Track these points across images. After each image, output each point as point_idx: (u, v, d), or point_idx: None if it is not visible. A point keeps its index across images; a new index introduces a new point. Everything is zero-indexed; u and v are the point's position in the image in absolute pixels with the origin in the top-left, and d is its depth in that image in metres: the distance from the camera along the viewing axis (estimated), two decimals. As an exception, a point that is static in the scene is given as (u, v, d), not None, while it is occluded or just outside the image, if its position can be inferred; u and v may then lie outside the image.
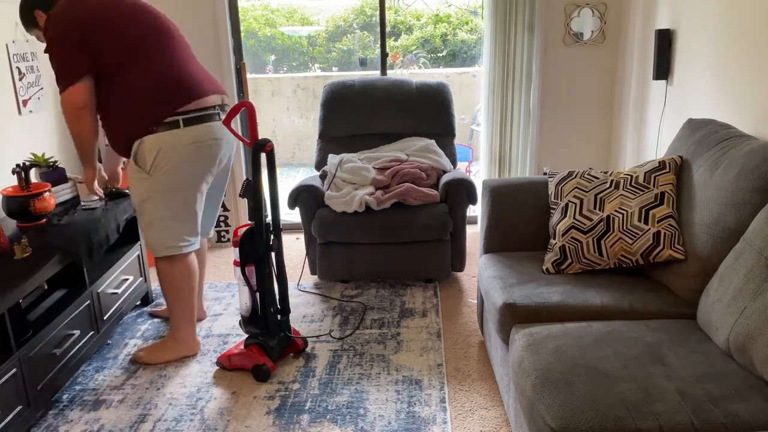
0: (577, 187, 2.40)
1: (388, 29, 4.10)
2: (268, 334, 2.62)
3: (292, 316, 3.10)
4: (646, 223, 2.18)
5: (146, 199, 2.54)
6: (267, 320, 2.60)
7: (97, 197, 2.85)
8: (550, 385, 1.61)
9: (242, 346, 2.65)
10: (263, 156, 2.49)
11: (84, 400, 2.48)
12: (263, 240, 2.52)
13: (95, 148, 2.57)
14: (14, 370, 2.13)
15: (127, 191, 2.93)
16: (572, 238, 2.28)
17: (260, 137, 2.53)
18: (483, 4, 3.89)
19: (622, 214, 2.23)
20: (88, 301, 2.64)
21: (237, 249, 2.49)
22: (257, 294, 2.57)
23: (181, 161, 2.49)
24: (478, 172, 4.30)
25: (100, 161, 2.83)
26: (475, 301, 3.17)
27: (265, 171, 2.55)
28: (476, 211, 3.86)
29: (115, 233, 2.85)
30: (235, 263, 2.53)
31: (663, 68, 3.01)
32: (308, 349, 2.80)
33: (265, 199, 2.55)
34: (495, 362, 2.39)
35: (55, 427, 2.32)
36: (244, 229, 2.51)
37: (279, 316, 2.67)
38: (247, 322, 2.63)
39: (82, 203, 2.92)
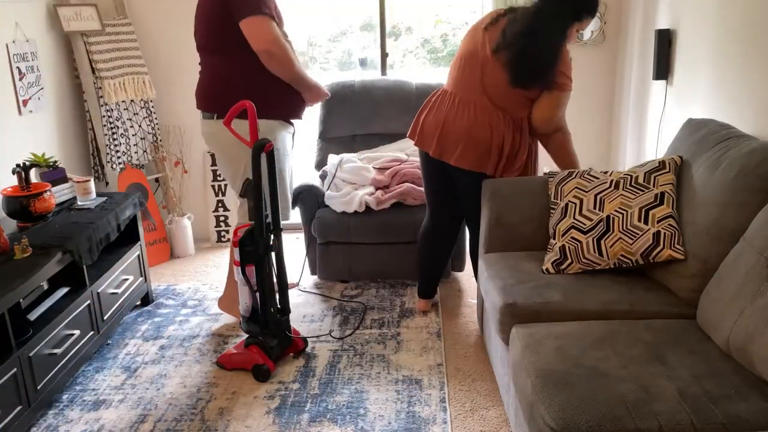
0: (577, 187, 2.40)
1: (388, 29, 4.10)
2: (269, 334, 2.62)
3: (292, 316, 3.10)
4: (646, 223, 2.18)
5: None
6: (267, 320, 2.60)
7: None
8: (550, 385, 1.61)
9: (242, 346, 2.65)
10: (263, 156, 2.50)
11: (84, 400, 2.48)
12: (263, 240, 2.52)
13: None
14: (14, 370, 2.13)
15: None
16: (572, 238, 2.28)
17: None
18: (483, 5, 3.89)
19: (622, 214, 2.23)
20: (88, 301, 2.64)
21: (237, 249, 2.49)
22: (257, 294, 2.57)
23: None
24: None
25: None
26: (475, 301, 3.17)
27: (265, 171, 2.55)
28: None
29: (116, 232, 2.85)
30: (235, 263, 2.53)
31: (663, 68, 3.01)
32: (308, 349, 2.80)
33: (265, 199, 2.55)
34: (495, 362, 2.39)
35: (55, 427, 2.32)
36: (244, 228, 2.51)
37: (279, 316, 2.67)
38: (247, 321, 2.63)
39: (78, 202, 2.93)
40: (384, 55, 4.16)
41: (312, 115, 3.96)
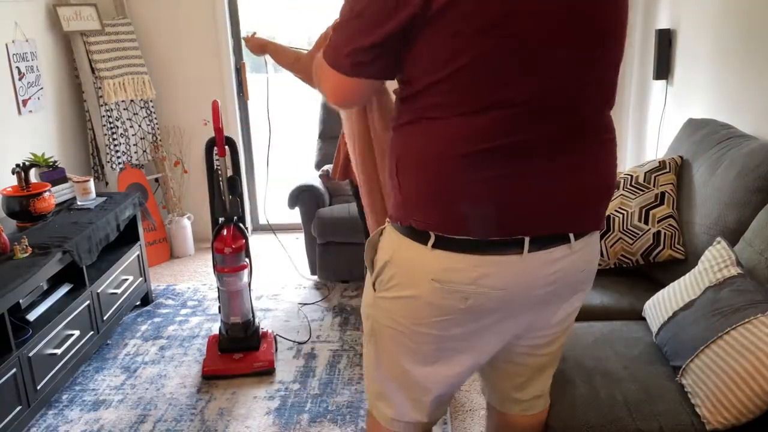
0: (577, 187, 2.39)
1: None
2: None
3: (290, 315, 3.10)
4: (646, 223, 2.18)
5: (367, 316, 1.42)
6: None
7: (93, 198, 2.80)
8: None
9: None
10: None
11: (84, 400, 2.48)
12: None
13: None
14: (14, 370, 2.13)
15: None
16: (572, 238, 2.28)
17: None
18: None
19: (623, 214, 2.23)
20: (88, 301, 2.64)
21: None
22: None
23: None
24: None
25: None
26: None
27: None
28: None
29: (115, 232, 2.85)
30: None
31: (663, 68, 3.01)
32: (308, 349, 2.79)
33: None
34: (495, 362, 2.38)
35: (54, 427, 2.32)
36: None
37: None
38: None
39: (78, 202, 2.93)
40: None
41: (312, 115, 3.96)
